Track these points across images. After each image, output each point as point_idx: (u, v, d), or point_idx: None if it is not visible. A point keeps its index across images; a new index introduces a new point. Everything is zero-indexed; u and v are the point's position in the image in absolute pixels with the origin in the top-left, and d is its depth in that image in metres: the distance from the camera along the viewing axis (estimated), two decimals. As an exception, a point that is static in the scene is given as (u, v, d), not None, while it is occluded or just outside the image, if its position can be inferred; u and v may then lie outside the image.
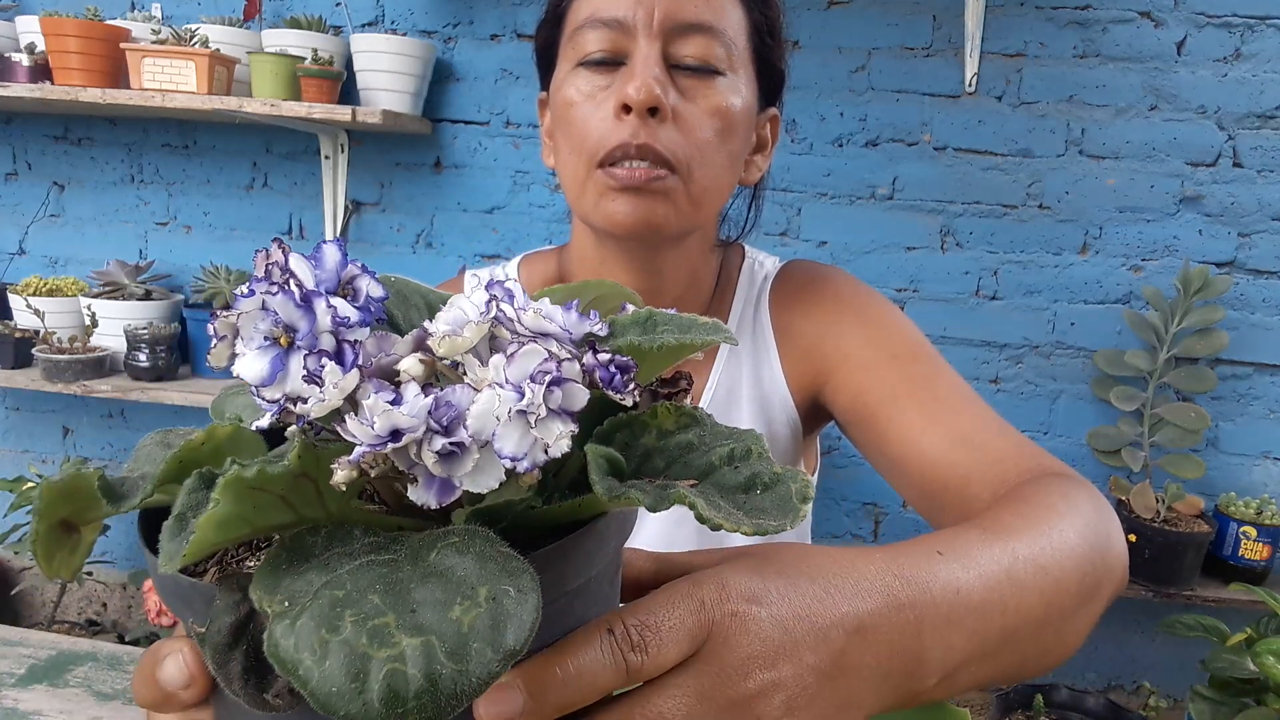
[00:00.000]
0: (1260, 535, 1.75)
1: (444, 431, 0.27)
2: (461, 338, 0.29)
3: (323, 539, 0.28)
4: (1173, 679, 1.96)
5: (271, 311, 0.29)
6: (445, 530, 0.28)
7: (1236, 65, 1.79)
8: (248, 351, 0.29)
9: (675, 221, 0.68)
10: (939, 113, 1.88)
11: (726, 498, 0.31)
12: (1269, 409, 1.88)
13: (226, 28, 1.85)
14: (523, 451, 0.27)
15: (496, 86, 2.00)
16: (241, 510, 0.26)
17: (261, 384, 0.29)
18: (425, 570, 0.26)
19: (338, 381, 0.28)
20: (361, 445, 0.26)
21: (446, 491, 0.27)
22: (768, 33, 0.73)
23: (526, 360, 0.28)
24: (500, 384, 0.28)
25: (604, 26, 0.67)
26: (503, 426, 0.27)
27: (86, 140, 2.14)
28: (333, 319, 0.30)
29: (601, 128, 0.66)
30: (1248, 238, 1.84)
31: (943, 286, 1.94)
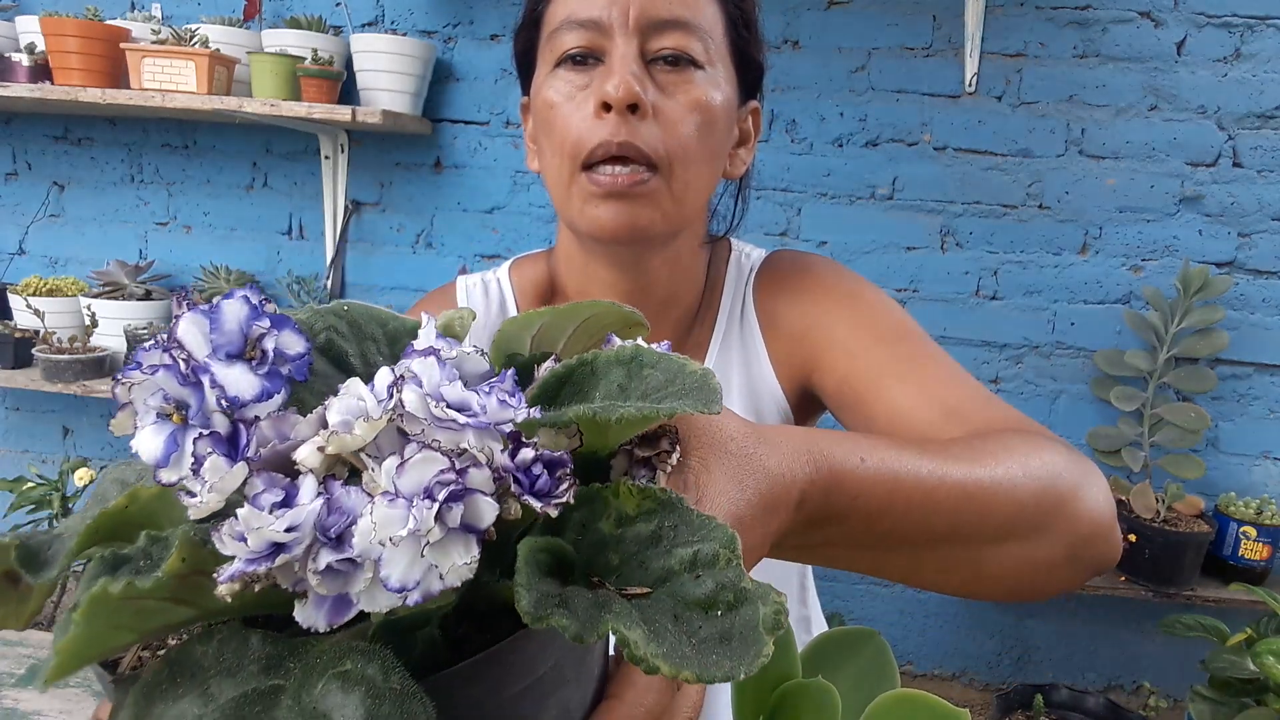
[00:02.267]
0: (1260, 535, 1.75)
1: (334, 544, 0.23)
2: (351, 435, 0.25)
3: (214, 649, 0.24)
4: (1173, 679, 1.96)
5: (161, 385, 0.26)
6: (344, 648, 0.24)
7: (1236, 65, 1.79)
8: (143, 426, 0.26)
9: (660, 223, 0.68)
10: (939, 113, 1.88)
11: (679, 619, 0.26)
12: (1269, 409, 1.88)
13: (226, 28, 1.85)
14: (413, 581, 0.23)
15: (496, 86, 2.00)
16: (116, 623, 0.22)
17: (157, 465, 0.25)
18: (304, 708, 0.22)
19: (216, 481, 0.24)
20: (238, 561, 0.23)
21: (340, 610, 0.24)
22: (743, 25, 0.73)
23: (422, 469, 0.24)
24: (390, 495, 0.23)
25: (580, 27, 0.67)
26: (389, 550, 0.23)
27: (86, 140, 2.14)
28: (219, 398, 0.26)
29: (582, 127, 0.66)
30: (1248, 238, 1.84)
31: (943, 286, 1.94)
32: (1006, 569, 0.52)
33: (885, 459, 0.46)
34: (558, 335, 0.37)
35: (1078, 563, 0.55)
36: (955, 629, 2.04)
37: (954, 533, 0.48)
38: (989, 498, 0.49)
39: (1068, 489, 0.54)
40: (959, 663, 2.05)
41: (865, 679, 0.46)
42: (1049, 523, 0.52)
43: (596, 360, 0.32)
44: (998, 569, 0.52)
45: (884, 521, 0.45)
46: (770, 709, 0.42)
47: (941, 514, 0.47)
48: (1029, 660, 2.03)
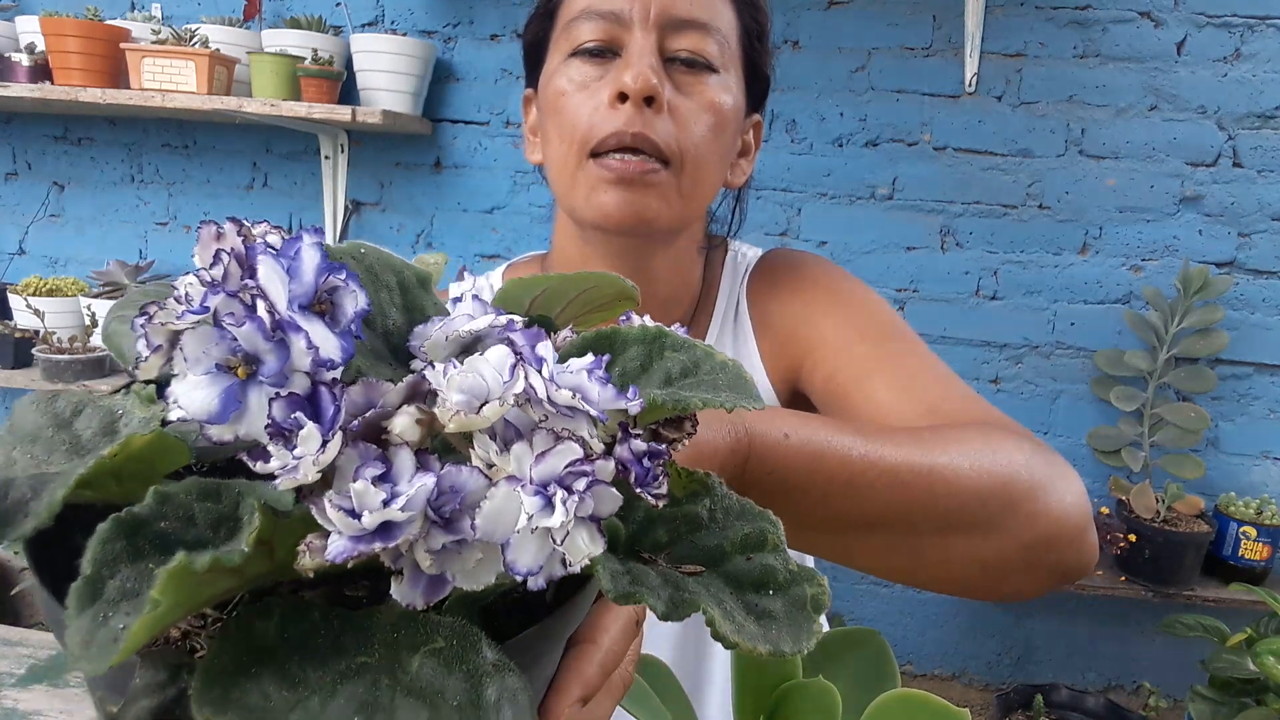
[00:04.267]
0: (1260, 535, 1.75)
1: (444, 525, 0.23)
2: (479, 417, 0.24)
3: (276, 624, 0.23)
4: (1173, 679, 1.96)
5: (228, 336, 0.23)
6: (426, 624, 0.24)
7: (1236, 65, 1.79)
8: (190, 374, 0.23)
9: (666, 216, 0.67)
10: (939, 113, 1.88)
11: (737, 597, 0.27)
12: (1269, 409, 1.88)
13: (226, 28, 1.85)
14: (539, 565, 0.23)
15: (496, 86, 2.00)
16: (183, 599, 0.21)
17: (209, 420, 0.23)
18: (408, 687, 0.22)
19: (315, 452, 0.22)
20: (343, 538, 0.22)
21: (436, 589, 0.23)
22: (757, 37, 0.73)
23: (557, 460, 0.23)
24: (522, 482, 0.23)
25: (599, 18, 0.67)
26: (519, 537, 0.23)
27: (86, 140, 2.14)
28: (314, 360, 0.23)
29: (595, 116, 0.65)
30: (1248, 238, 1.84)
31: (943, 286, 1.94)
32: (951, 562, 0.52)
33: (813, 437, 0.46)
34: (556, 302, 0.37)
35: (1036, 566, 0.53)
36: (955, 629, 2.04)
37: (886, 518, 0.48)
38: (926, 486, 0.49)
39: (1024, 487, 0.52)
40: (959, 663, 2.05)
41: (865, 679, 0.46)
42: (999, 520, 0.51)
43: (616, 336, 0.31)
44: (941, 562, 0.51)
45: (805, 499, 0.46)
46: (770, 709, 0.42)
47: (870, 498, 0.47)
48: (1029, 660, 2.03)
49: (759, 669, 0.43)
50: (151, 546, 0.21)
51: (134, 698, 0.22)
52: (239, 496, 0.23)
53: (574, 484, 0.23)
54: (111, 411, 0.26)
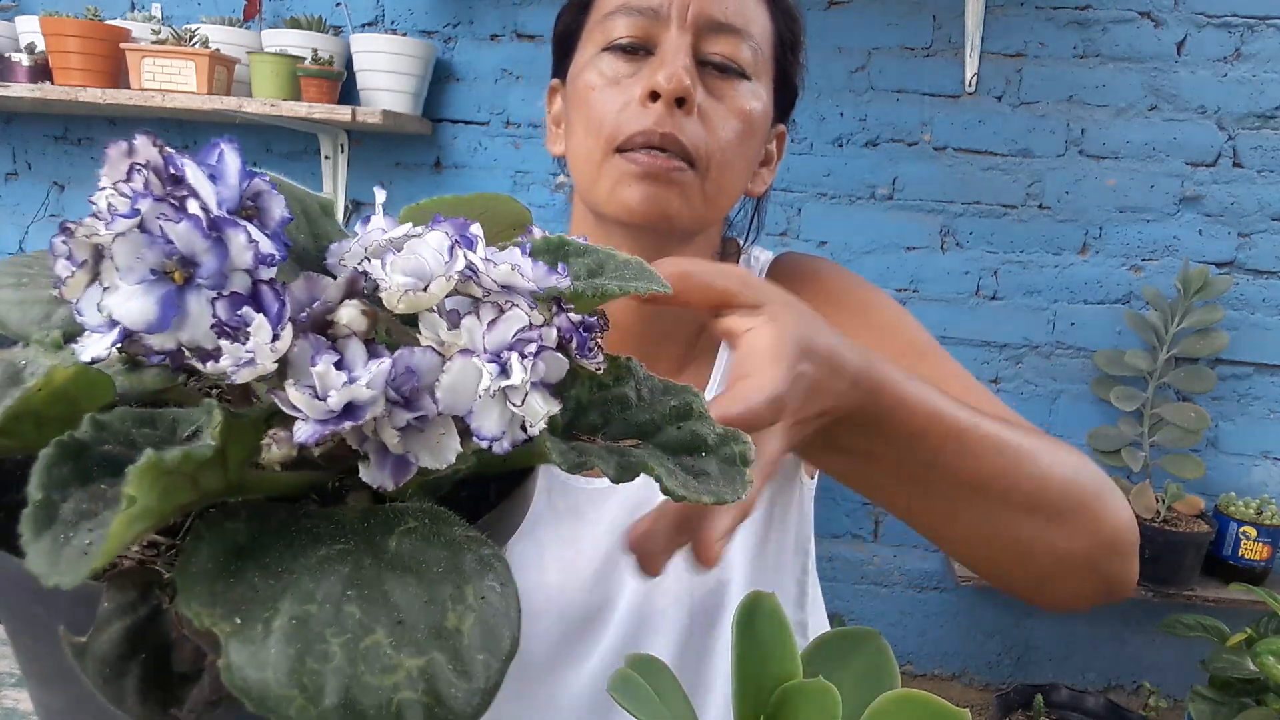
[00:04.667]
0: (1260, 535, 1.75)
1: (405, 403, 0.24)
2: (427, 294, 0.25)
3: (245, 524, 0.23)
4: (1173, 679, 1.96)
5: (161, 238, 0.22)
6: (395, 510, 0.25)
7: (1236, 65, 1.79)
8: (122, 285, 0.23)
9: (687, 216, 0.67)
10: (939, 113, 1.88)
11: (674, 461, 0.29)
12: (1269, 409, 1.88)
13: (226, 28, 1.85)
14: (502, 430, 0.24)
15: (496, 86, 2.00)
16: (152, 502, 0.21)
17: (148, 328, 0.23)
18: (390, 562, 0.23)
19: (268, 340, 0.23)
20: (309, 422, 0.22)
21: (402, 469, 0.24)
22: (790, 47, 0.73)
23: (507, 326, 0.25)
24: (475, 352, 0.24)
25: (636, 14, 0.66)
26: (481, 403, 0.24)
27: (86, 140, 2.14)
28: (254, 256, 0.23)
29: (624, 113, 0.65)
30: (1248, 238, 1.84)
31: (943, 286, 1.94)
32: (1032, 545, 0.54)
33: (926, 391, 0.49)
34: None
35: (1097, 570, 0.56)
36: (955, 629, 2.04)
37: (986, 484, 0.51)
38: (1019, 459, 0.52)
39: (1093, 489, 0.56)
40: (959, 663, 2.05)
41: (865, 679, 0.46)
42: (1074, 513, 0.54)
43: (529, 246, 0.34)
44: (1023, 542, 0.54)
45: (922, 446, 0.48)
46: (770, 709, 0.42)
47: (976, 458, 0.50)
48: (1029, 660, 2.03)
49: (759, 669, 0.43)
50: (99, 469, 0.21)
51: (104, 622, 0.22)
52: (174, 422, 0.24)
53: (524, 349, 0.25)
54: (13, 364, 0.25)
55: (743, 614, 0.43)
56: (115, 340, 0.23)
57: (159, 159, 0.24)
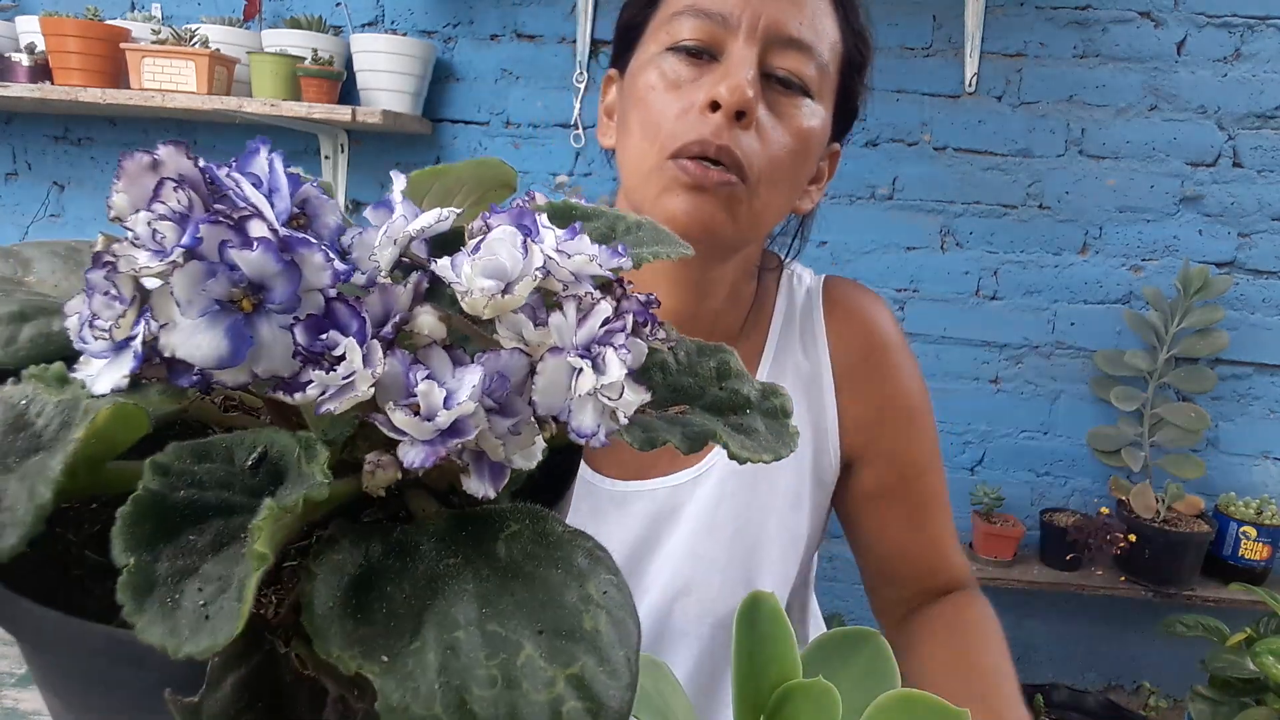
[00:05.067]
0: (1260, 535, 1.75)
1: (500, 410, 0.23)
2: (513, 296, 0.24)
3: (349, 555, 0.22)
4: (1173, 679, 1.96)
5: (226, 266, 0.21)
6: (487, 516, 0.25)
7: (1236, 65, 1.79)
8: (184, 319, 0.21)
9: (731, 231, 0.65)
10: (939, 113, 1.88)
11: (723, 421, 0.29)
12: (1269, 409, 1.88)
13: (226, 28, 1.85)
14: (598, 424, 0.24)
15: (496, 86, 2.00)
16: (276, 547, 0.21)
17: (221, 363, 0.21)
18: (507, 571, 0.23)
19: (365, 366, 0.21)
20: (416, 445, 0.21)
21: (500, 476, 0.23)
22: (858, 69, 0.72)
23: (594, 322, 0.24)
24: (566, 350, 0.24)
25: (705, 17, 0.64)
26: (579, 402, 0.23)
27: (86, 140, 2.14)
28: (331, 275, 0.22)
29: (683, 120, 0.63)
30: (1248, 238, 1.84)
31: (943, 286, 1.94)
32: None
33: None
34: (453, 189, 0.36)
35: None
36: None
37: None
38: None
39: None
40: (959, 663, 2.05)
41: (865, 679, 0.46)
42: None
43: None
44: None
45: None
46: (770, 709, 0.42)
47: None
48: (1029, 660, 2.03)
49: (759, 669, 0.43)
50: (182, 520, 0.21)
51: (217, 677, 0.21)
52: (228, 450, 0.23)
53: (613, 341, 0.24)
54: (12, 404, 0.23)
55: (743, 614, 0.43)
56: (133, 366, 0.21)
57: (195, 172, 0.22)
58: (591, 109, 1.95)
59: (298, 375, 0.22)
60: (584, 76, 1.93)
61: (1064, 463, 1.96)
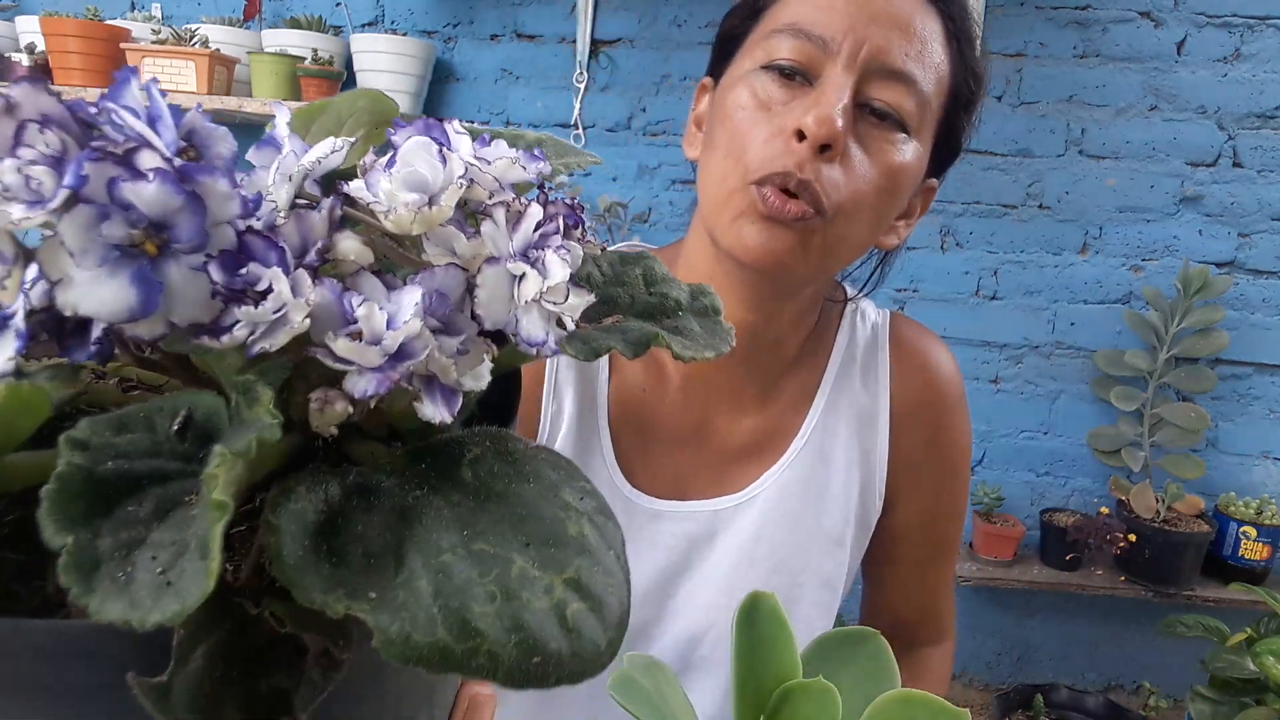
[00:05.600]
0: (1260, 535, 1.75)
1: (445, 329, 0.22)
2: (440, 208, 0.22)
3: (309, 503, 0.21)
4: (1173, 679, 1.96)
5: (119, 205, 0.18)
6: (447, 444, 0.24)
7: (1236, 65, 1.79)
8: (79, 272, 0.18)
9: (802, 267, 0.63)
10: (939, 113, 1.88)
11: (660, 324, 0.28)
12: (1269, 409, 1.88)
13: (226, 28, 1.85)
14: (546, 333, 0.23)
15: (496, 86, 2.00)
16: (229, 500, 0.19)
17: (130, 315, 0.19)
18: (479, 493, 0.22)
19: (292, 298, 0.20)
20: (365, 373, 0.20)
21: (454, 399, 0.22)
22: (964, 106, 0.69)
23: (527, 226, 0.23)
24: (503, 258, 0.23)
25: (805, 38, 0.61)
26: (524, 310, 0.22)
27: (86, 140, 2.14)
28: (240, 205, 0.20)
29: (767, 147, 0.61)
30: (1248, 238, 1.84)
31: (943, 286, 1.94)
32: None
33: None
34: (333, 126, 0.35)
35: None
36: (955, 629, 2.04)
37: None
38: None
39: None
40: (959, 663, 2.05)
41: (865, 679, 0.46)
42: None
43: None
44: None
45: None
46: (770, 709, 0.42)
47: None
48: (1029, 660, 2.03)
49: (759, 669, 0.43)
50: (115, 492, 0.19)
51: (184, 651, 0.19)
52: (147, 419, 0.21)
53: (549, 243, 0.23)
54: None
55: (743, 614, 0.43)
56: (17, 346, 0.19)
57: (60, 110, 0.19)
58: (590, 109, 1.95)
59: (220, 318, 0.20)
60: (584, 76, 1.93)
61: (1064, 463, 1.96)
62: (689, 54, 1.91)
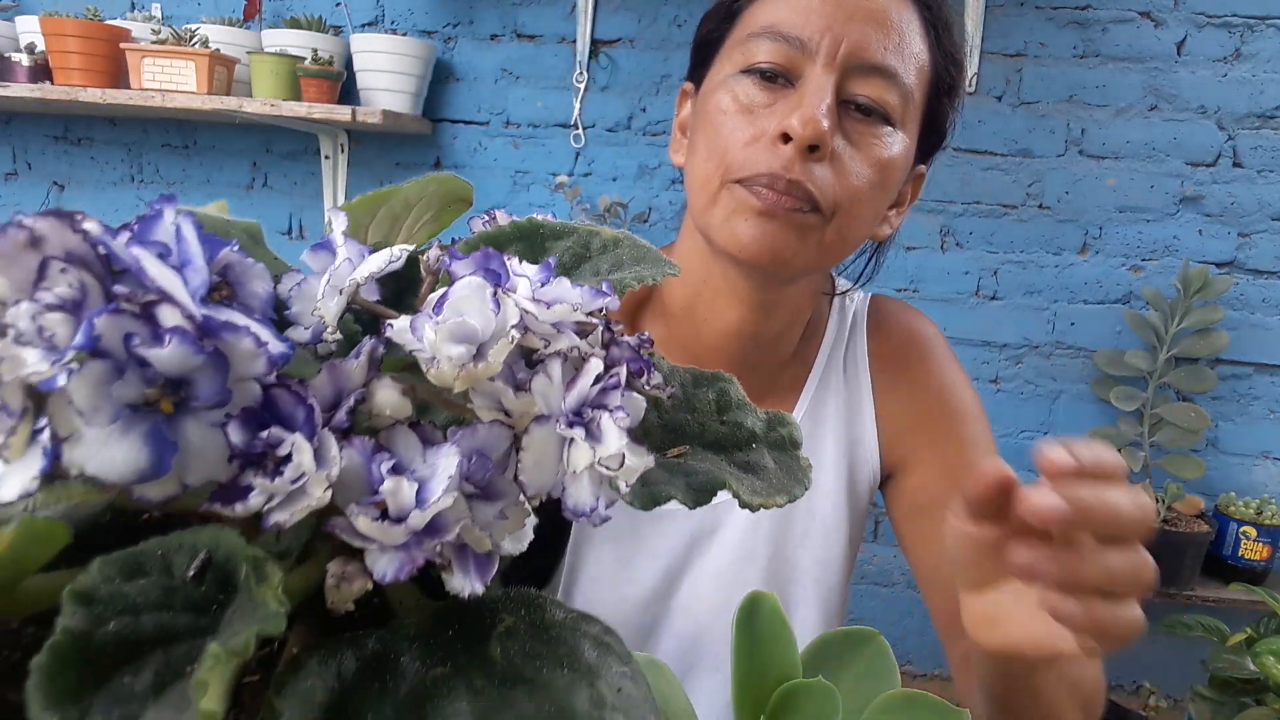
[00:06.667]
0: (1260, 535, 1.75)
1: (483, 494, 0.20)
2: (488, 364, 0.20)
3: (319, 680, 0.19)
4: (1173, 679, 1.96)
5: (134, 362, 0.17)
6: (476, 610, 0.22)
7: (1236, 65, 1.79)
8: (89, 430, 0.17)
9: (801, 260, 0.63)
10: (939, 113, 1.88)
11: (728, 460, 0.26)
12: (1269, 409, 1.88)
13: (226, 28, 1.85)
14: (597, 497, 0.21)
15: (496, 86, 2.00)
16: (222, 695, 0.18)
17: (143, 477, 0.17)
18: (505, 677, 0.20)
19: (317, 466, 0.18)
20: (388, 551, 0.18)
21: (489, 566, 0.20)
22: (946, 92, 0.69)
23: (584, 381, 0.21)
24: (555, 417, 0.20)
25: (783, 41, 0.61)
26: (574, 475, 0.20)
27: (86, 140, 2.14)
28: (266, 361, 0.18)
29: (752, 149, 0.61)
30: (1248, 238, 1.84)
31: (943, 286, 1.94)
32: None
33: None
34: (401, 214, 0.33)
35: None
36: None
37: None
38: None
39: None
40: (959, 663, 2.05)
41: (865, 679, 0.46)
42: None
43: (498, 236, 0.29)
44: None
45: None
46: (770, 709, 0.42)
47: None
48: (1029, 660, 2.03)
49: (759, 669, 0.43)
50: (111, 660, 0.17)
51: None
52: (164, 558, 0.20)
53: (608, 402, 0.21)
54: None
55: (743, 614, 0.43)
56: (43, 466, 0.17)
57: (85, 248, 0.18)
58: (590, 109, 1.95)
59: (237, 480, 0.19)
60: (584, 76, 1.93)
61: (1064, 463, 1.96)
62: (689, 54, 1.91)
